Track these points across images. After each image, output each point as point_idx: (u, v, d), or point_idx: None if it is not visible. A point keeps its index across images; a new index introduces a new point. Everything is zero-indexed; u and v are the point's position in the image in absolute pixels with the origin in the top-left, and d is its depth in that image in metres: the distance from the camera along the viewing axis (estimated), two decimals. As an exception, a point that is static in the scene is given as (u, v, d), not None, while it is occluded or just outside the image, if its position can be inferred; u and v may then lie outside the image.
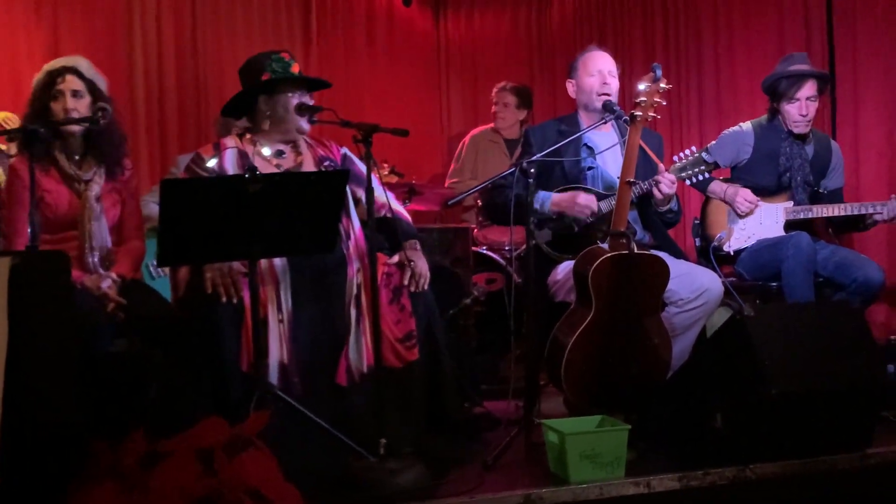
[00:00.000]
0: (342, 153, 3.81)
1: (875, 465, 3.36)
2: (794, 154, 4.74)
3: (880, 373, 3.58)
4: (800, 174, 4.73)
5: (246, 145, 3.66)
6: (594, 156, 4.16)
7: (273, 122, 3.65)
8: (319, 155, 3.74)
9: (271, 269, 3.42)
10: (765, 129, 4.83)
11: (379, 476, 3.00)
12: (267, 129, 3.66)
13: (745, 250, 4.72)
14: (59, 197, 3.59)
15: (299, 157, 3.70)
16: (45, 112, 3.58)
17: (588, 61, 4.19)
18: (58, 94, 3.59)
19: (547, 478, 3.17)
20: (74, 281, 3.33)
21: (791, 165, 4.73)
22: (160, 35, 6.31)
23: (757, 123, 4.88)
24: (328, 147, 3.81)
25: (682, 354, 3.77)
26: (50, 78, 3.62)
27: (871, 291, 4.39)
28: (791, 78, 4.67)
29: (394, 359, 3.44)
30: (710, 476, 3.18)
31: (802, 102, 4.67)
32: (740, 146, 4.85)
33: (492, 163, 6.34)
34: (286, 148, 3.70)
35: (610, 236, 3.72)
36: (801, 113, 4.69)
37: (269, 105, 3.64)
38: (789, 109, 4.71)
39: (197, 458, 2.50)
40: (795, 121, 4.71)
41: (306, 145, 3.75)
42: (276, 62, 3.60)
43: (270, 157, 3.65)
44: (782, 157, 4.74)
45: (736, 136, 4.89)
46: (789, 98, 4.69)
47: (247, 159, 3.59)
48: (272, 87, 3.61)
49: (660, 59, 6.43)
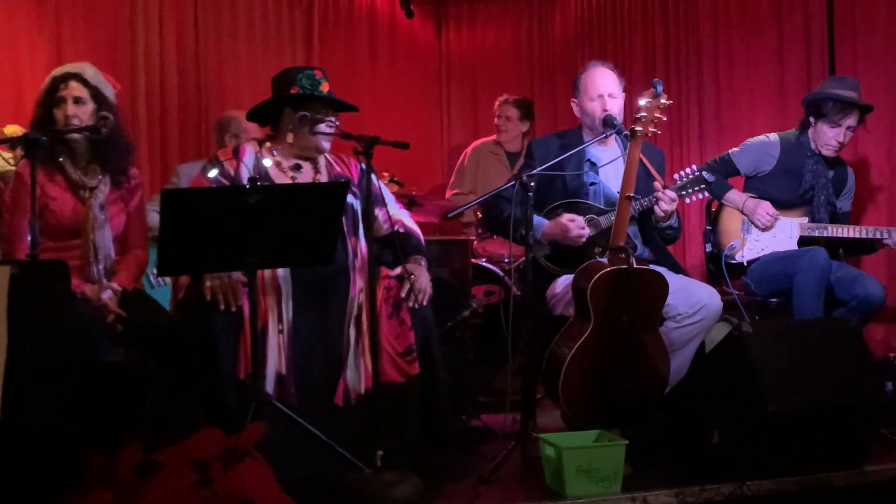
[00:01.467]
0: (361, 169, 3.79)
1: (872, 483, 3.36)
2: (819, 173, 4.74)
3: (878, 390, 3.58)
4: (823, 193, 4.74)
5: (264, 153, 3.67)
6: (597, 171, 4.17)
7: (296, 136, 3.65)
8: (335, 173, 3.74)
9: (274, 280, 3.43)
10: (792, 143, 4.83)
11: (375, 488, 2.99)
12: (290, 142, 3.66)
13: (756, 261, 4.72)
14: (63, 204, 3.59)
15: (317, 174, 3.70)
16: (48, 118, 3.59)
17: (588, 83, 4.18)
18: (60, 101, 3.60)
19: (543, 492, 3.16)
20: (74, 290, 3.33)
21: (816, 184, 4.73)
22: (162, 44, 6.32)
23: (784, 137, 4.88)
24: (346, 164, 3.82)
25: (680, 370, 3.77)
26: (54, 84, 3.63)
27: (871, 308, 4.39)
28: (841, 103, 4.64)
29: (395, 373, 3.44)
30: (707, 492, 3.17)
31: (843, 129, 4.67)
32: (764, 157, 4.85)
33: (493, 175, 6.34)
34: (305, 163, 3.70)
35: (609, 251, 3.72)
36: (838, 139, 4.69)
37: (293, 120, 3.64)
38: (827, 132, 4.69)
39: (193, 469, 2.50)
40: (829, 144, 4.70)
41: (325, 163, 3.76)
42: (306, 78, 3.60)
43: (287, 169, 3.65)
44: (808, 175, 4.74)
45: (761, 146, 4.89)
46: (833, 122, 4.66)
47: (261, 167, 3.60)
48: (299, 102, 3.62)
49: (660, 75, 6.43)
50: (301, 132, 3.63)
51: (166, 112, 6.34)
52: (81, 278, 3.55)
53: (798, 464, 3.28)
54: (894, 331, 5.25)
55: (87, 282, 3.56)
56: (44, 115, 3.61)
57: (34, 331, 2.61)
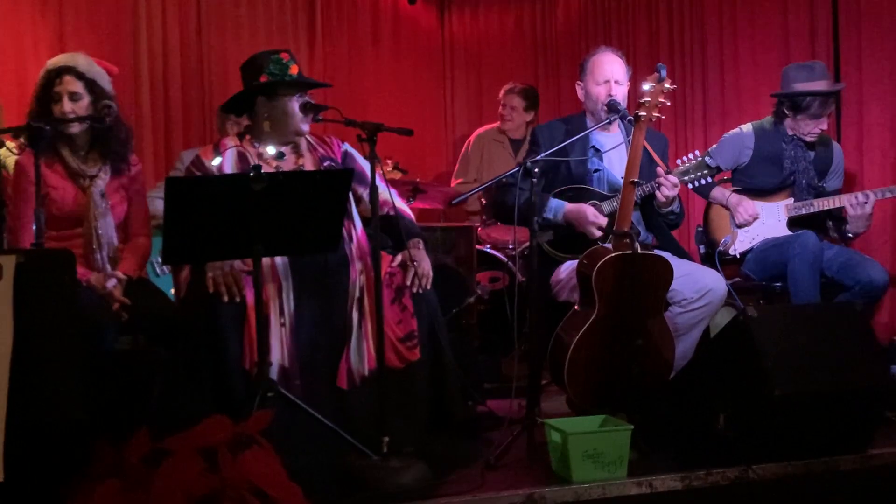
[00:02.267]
0: (343, 150, 3.80)
1: (877, 466, 3.36)
2: (799, 157, 4.74)
3: (883, 374, 3.57)
4: (804, 177, 4.74)
5: (246, 146, 3.67)
6: (600, 157, 4.16)
7: (272, 123, 3.64)
8: (320, 155, 3.73)
9: (273, 271, 3.42)
10: (767, 131, 4.82)
11: (381, 475, 3.00)
12: (267, 131, 3.66)
13: (750, 251, 4.72)
14: (64, 193, 3.60)
15: (300, 158, 3.70)
16: (46, 113, 3.58)
17: (596, 68, 4.18)
18: (55, 97, 3.59)
19: (549, 477, 3.17)
20: (80, 279, 3.34)
21: (796, 168, 4.73)
22: (165, 31, 6.31)
23: (758, 126, 4.87)
24: (329, 145, 3.80)
25: (686, 355, 3.78)
26: (48, 79, 3.62)
27: (875, 293, 4.39)
28: (822, 97, 4.62)
29: (395, 359, 3.44)
30: (713, 476, 3.18)
31: (825, 119, 4.68)
32: (741, 149, 4.85)
33: (497, 162, 6.34)
34: (286, 149, 3.69)
35: (613, 236, 3.72)
36: (822, 128, 4.70)
37: (268, 107, 3.64)
38: (810, 123, 4.67)
39: (200, 457, 2.51)
40: (812, 133, 4.70)
41: (307, 146, 3.75)
42: (273, 64, 3.59)
43: (269, 159, 3.64)
44: (787, 161, 4.74)
45: (736, 139, 4.89)
46: (815, 115, 4.65)
47: (246, 161, 3.59)
48: (270, 90, 3.61)
49: (664, 60, 6.42)
50: (276, 118, 3.63)
51: (169, 98, 6.33)
52: (85, 267, 3.56)
53: (804, 447, 3.28)
54: (899, 314, 5.25)
55: (91, 270, 3.56)
56: (41, 109, 3.60)
57: (41, 320, 2.61)
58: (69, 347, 2.70)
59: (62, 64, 3.65)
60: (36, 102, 3.62)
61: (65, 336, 2.69)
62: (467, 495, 2.97)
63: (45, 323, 2.63)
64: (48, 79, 3.62)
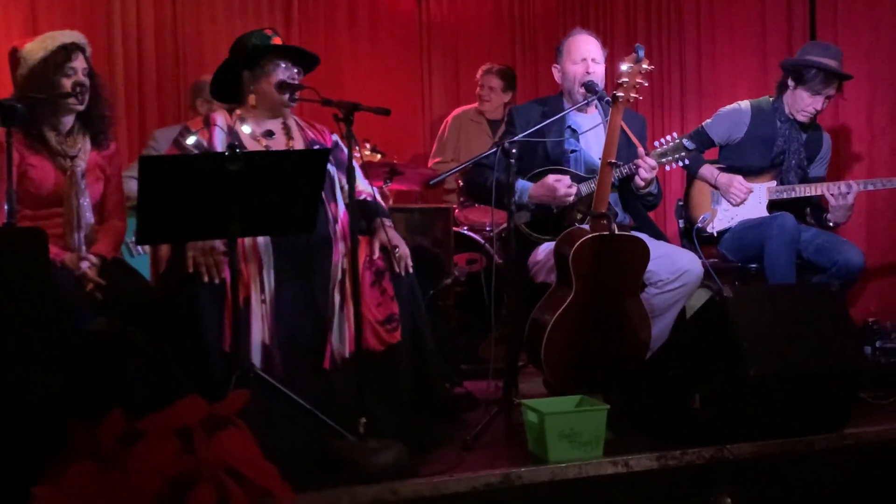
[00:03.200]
0: (333, 140, 3.78)
1: (852, 446, 3.40)
2: (792, 138, 4.74)
3: (858, 355, 3.61)
4: (794, 158, 4.74)
5: (235, 122, 3.64)
6: (577, 138, 4.16)
7: (258, 97, 3.62)
8: (310, 139, 3.72)
9: (254, 249, 3.41)
10: (764, 111, 4.82)
11: (359, 455, 2.99)
12: (254, 105, 3.64)
13: (728, 231, 4.74)
14: (44, 172, 3.54)
15: (290, 140, 3.68)
16: (53, 87, 3.53)
17: (572, 47, 4.17)
18: (71, 72, 3.56)
19: (526, 457, 3.18)
20: (53, 259, 3.30)
21: (788, 148, 4.74)
22: (140, 11, 6.25)
23: (756, 104, 4.87)
24: (320, 132, 3.79)
25: (662, 335, 3.79)
26: (66, 54, 3.56)
27: (851, 275, 4.41)
28: (825, 72, 4.60)
29: (375, 341, 3.44)
30: (688, 456, 3.19)
31: (822, 98, 4.66)
32: (736, 123, 4.85)
33: (474, 143, 6.33)
34: (277, 129, 3.67)
35: (591, 217, 3.72)
36: (815, 107, 4.68)
37: (253, 80, 3.62)
38: (805, 98, 4.66)
39: (175, 437, 2.49)
40: (805, 111, 4.69)
41: (298, 129, 3.73)
42: (256, 37, 3.61)
43: (259, 137, 3.63)
44: (779, 139, 4.74)
45: (733, 114, 4.88)
46: (814, 90, 4.63)
47: (235, 137, 3.57)
48: (254, 61, 3.59)
49: (642, 41, 6.40)
50: (261, 91, 3.61)
51: (144, 80, 6.28)
52: (60, 247, 3.52)
53: (779, 427, 3.30)
54: (873, 296, 5.29)
55: (67, 250, 3.53)
56: (45, 80, 3.53)
57: (13, 299, 2.59)
58: (43, 327, 2.67)
59: (73, 41, 3.61)
60: (37, 74, 3.54)
61: (39, 316, 2.66)
62: (445, 475, 2.97)
63: (18, 302, 2.60)
64: (65, 53, 3.56)
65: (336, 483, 2.89)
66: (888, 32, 5.21)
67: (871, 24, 5.27)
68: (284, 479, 2.58)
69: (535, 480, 3.03)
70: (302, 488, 2.73)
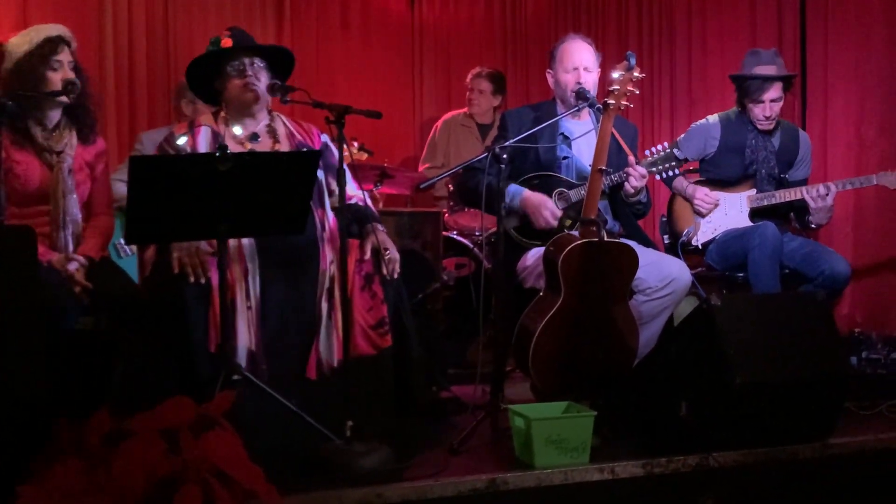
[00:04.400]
0: (323, 141, 3.76)
1: (837, 455, 3.41)
2: (760, 146, 4.78)
3: (844, 364, 3.62)
4: (764, 167, 4.77)
5: (220, 125, 3.63)
6: (569, 144, 4.17)
7: (227, 103, 3.64)
8: (297, 142, 3.69)
9: (239, 252, 3.39)
10: (732, 122, 4.86)
11: (345, 458, 2.99)
12: (232, 109, 3.64)
13: (712, 242, 4.75)
14: (29, 168, 3.50)
15: (276, 144, 3.66)
16: (39, 81, 3.49)
17: (565, 55, 4.17)
18: (57, 65, 3.52)
19: (512, 463, 3.18)
20: (41, 259, 3.28)
21: (756, 158, 4.77)
22: (131, 10, 6.23)
23: (724, 116, 4.91)
24: (308, 132, 3.77)
25: (649, 342, 3.80)
26: (51, 46, 3.53)
27: (837, 285, 4.43)
28: (757, 80, 4.69)
29: (367, 346, 3.43)
30: (674, 463, 3.20)
31: (766, 104, 4.71)
32: (707, 139, 4.89)
33: (464, 147, 6.34)
34: (262, 131, 3.67)
35: (580, 224, 3.73)
36: (764, 114, 4.73)
37: (221, 86, 3.63)
38: (753, 109, 4.75)
39: (161, 438, 2.48)
40: (759, 120, 4.76)
41: (286, 132, 3.71)
42: (211, 45, 3.62)
43: (244, 139, 3.62)
44: (748, 150, 4.78)
45: (702, 129, 4.93)
46: (754, 100, 4.72)
47: (219, 139, 3.56)
48: (216, 67, 3.60)
49: (633, 48, 6.45)
50: (229, 96, 3.62)
51: (134, 80, 6.26)
52: (48, 246, 3.50)
53: (764, 436, 3.31)
54: (859, 306, 5.32)
55: (54, 249, 3.51)
56: (30, 76, 3.50)
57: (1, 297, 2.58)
58: (30, 326, 2.66)
59: (61, 34, 3.58)
60: (23, 65, 3.50)
61: (25, 314, 2.65)
62: (430, 479, 2.98)
63: (4, 301, 2.59)
64: (50, 46, 3.53)
65: (322, 486, 2.89)
66: (878, 44, 5.24)
67: (861, 35, 5.30)
68: (270, 482, 2.58)
69: (521, 486, 3.03)
70: (288, 491, 2.73)
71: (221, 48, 3.59)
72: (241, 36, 3.65)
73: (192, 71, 3.65)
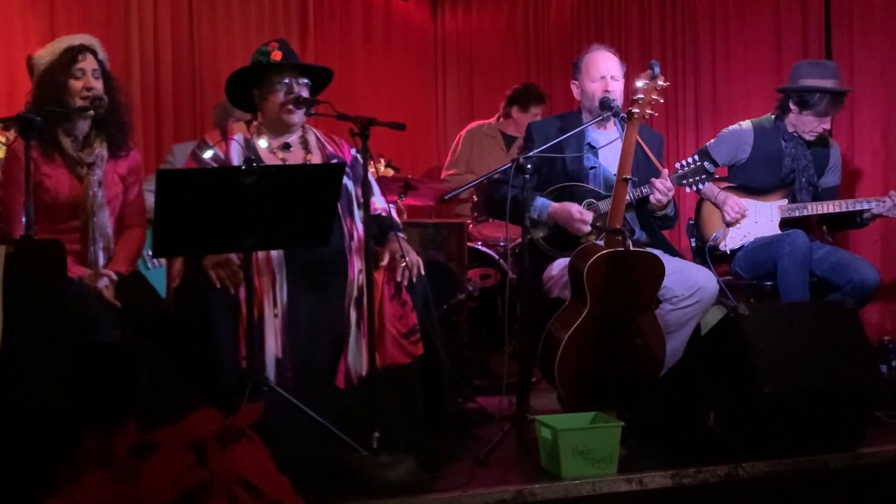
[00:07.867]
0: (353, 155, 3.76)
1: (867, 465, 3.37)
2: (800, 155, 4.74)
3: (873, 373, 3.58)
4: (805, 175, 4.74)
5: (253, 134, 3.65)
6: (596, 154, 4.16)
7: (263, 114, 3.65)
8: (328, 153, 3.71)
9: (268, 262, 3.40)
10: (766, 130, 4.82)
11: (371, 470, 2.99)
12: (262, 121, 3.65)
13: (741, 249, 4.72)
14: (59, 182, 3.50)
15: (308, 155, 3.68)
16: (61, 90, 3.49)
17: (591, 65, 4.16)
18: (79, 73, 3.52)
19: (539, 474, 3.16)
20: (71, 277, 3.30)
21: (797, 167, 4.73)
22: (157, 24, 6.31)
23: (758, 123, 4.87)
24: (339, 145, 3.79)
25: (676, 352, 3.77)
26: (72, 55, 3.53)
27: (865, 293, 4.39)
28: (831, 95, 4.60)
29: (400, 355, 3.43)
30: (703, 474, 3.18)
31: (829, 119, 4.67)
32: (739, 145, 4.85)
33: (488, 157, 6.32)
34: (294, 142, 3.68)
35: (606, 233, 3.72)
36: (825, 127, 4.70)
37: (261, 97, 3.64)
38: (813, 121, 4.66)
39: (189, 449, 2.49)
40: (814, 132, 4.69)
41: (316, 142, 3.73)
42: (259, 54, 3.61)
43: (276, 150, 3.63)
44: (787, 159, 4.73)
45: (735, 135, 4.88)
46: (820, 113, 4.63)
47: (252, 149, 3.58)
48: (259, 78, 3.60)
49: (657, 57, 6.43)
50: (267, 109, 3.62)
51: (160, 93, 6.32)
52: (80, 262, 3.50)
53: (793, 446, 3.28)
54: (889, 314, 5.26)
55: (85, 265, 3.51)
56: (55, 86, 3.50)
57: (30, 310, 2.60)
58: (58, 338, 2.68)
59: (83, 43, 3.58)
60: (49, 77, 3.51)
61: (54, 326, 2.67)
62: (457, 491, 2.96)
63: (33, 313, 2.61)
64: (71, 55, 3.53)
65: (348, 497, 2.89)
66: (904, 50, 5.20)
67: (886, 40, 5.26)
68: (297, 492, 2.58)
69: (548, 497, 3.02)
70: (314, 501, 2.73)
71: (272, 60, 3.59)
72: (288, 51, 3.65)
73: (235, 75, 3.64)
